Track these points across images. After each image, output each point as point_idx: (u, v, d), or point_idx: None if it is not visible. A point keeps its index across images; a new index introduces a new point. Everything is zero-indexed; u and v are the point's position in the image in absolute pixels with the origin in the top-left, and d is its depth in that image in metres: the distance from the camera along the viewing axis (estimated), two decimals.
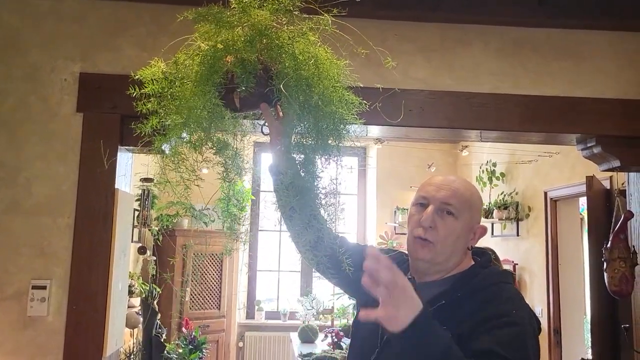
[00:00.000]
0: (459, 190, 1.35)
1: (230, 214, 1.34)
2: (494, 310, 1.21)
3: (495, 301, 1.25)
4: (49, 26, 2.35)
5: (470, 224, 1.35)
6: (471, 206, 1.36)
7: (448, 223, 1.32)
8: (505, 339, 1.15)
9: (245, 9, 1.24)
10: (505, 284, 1.32)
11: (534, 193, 4.99)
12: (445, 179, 1.39)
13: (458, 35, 2.50)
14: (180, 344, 4.68)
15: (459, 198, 1.33)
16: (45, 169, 2.28)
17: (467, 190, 1.36)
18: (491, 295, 1.27)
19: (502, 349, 1.12)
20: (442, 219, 1.32)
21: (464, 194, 1.35)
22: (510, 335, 1.16)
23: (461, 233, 1.33)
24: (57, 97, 2.31)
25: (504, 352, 1.11)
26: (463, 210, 1.33)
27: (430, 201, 1.35)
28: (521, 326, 1.19)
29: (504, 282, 1.33)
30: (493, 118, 2.44)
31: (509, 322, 1.18)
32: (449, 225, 1.32)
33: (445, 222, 1.32)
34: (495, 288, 1.30)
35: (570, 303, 4.60)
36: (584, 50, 2.53)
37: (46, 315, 2.21)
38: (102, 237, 2.24)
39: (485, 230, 1.40)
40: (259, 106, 1.32)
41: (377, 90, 2.10)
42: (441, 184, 1.36)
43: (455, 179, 1.39)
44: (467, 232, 1.35)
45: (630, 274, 2.59)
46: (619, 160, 2.55)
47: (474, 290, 1.29)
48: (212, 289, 5.85)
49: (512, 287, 1.34)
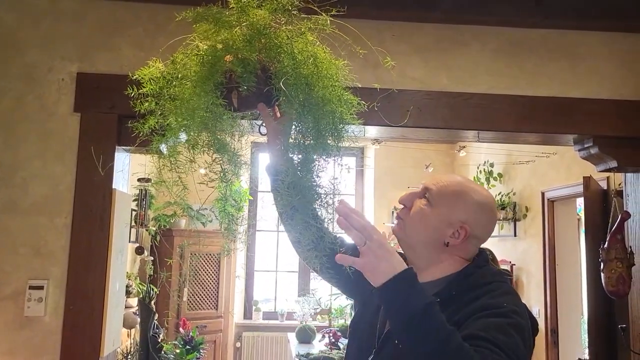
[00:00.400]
0: (445, 182, 1.37)
1: (227, 214, 1.34)
2: (484, 303, 1.21)
3: (488, 295, 1.24)
4: (46, 25, 2.35)
5: (449, 219, 1.32)
6: (456, 200, 1.34)
7: (421, 206, 1.35)
8: (492, 325, 1.13)
9: (244, 9, 1.24)
10: (500, 283, 1.32)
11: (531, 193, 5.00)
12: (447, 174, 1.43)
13: (455, 36, 2.50)
14: (177, 344, 4.67)
15: (440, 188, 1.35)
16: (42, 168, 2.27)
17: (457, 186, 1.36)
18: (484, 291, 1.26)
19: (487, 334, 1.09)
20: (418, 201, 1.36)
21: (449, 186, 1.36)
22: (498, 323, 1.14)
23: (434, 223, 1.33)
24: (54, 97, 2.31)
25: (489, 336, 1.09)
26: (441, 201, 1.34)
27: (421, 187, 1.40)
28: (511, 318, 1.16)
29: (499, 281, 1.32)
30: (490, 118, 2.45)
31: (499, 313, 1.17)
32: (421, 209, 1.35)
33: (419, 205, 1.35)
34: (490, 286, 1.29)
35: (567, 303, 4.61)
36: (580, 51, 2.54)
37: (43, 315, 2.21)
38: (99, 237, 2.24)
39: (468, 232, 1.33)
40: (257, 106, 1.33)
41: (374, 91, 2.11)
42: (438, 176, 1.40)
43: (456, 177, 1.41)
44: (443, 225, 1.32)
45: (627, 275, 2.60)
46: (615, 161, 2.55)
47: (468, 287, 1.28)
48: (209, 289, 5.85)
49: (507, 285, 1.33)
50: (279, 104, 1.30)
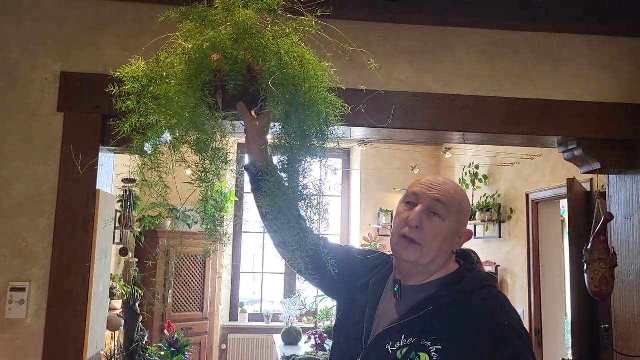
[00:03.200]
0: (450, 192, 1.32)
1: (209, 215, 1.32)
2: (487, 324, 1.22)
3: (485, 311, 1.25)
4: (29, 24, 2.31)
5: (457, 228, 1.33)
6: (460, 210, 1.34)
7: (435, 224, 1.30)
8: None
9: (230, 8, 1.23)
10: (491, 288, 1.32)
11: (516, 195, 5.03)
12: (436, 179, 1.36)
13: (440, 38, 2.51)
14: (162, 346, 4.63)
15: (449, 200, 1.31)
16: (25, 168, 2.24)
17: (457, 194, 1.35)
18: (479, 303, 1.26)
19: None
20: (429, 219, 1.30)
21: (454, 196, 1.33)
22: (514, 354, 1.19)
23: (448, 236, 1.31)
24: (37, 97, 2.28)
25: None
26: (451, 213, 1.31)
27: (419, 199, 1.32)
28: (518, 339, 1.21)
29: (490, 286, 1.32)
30: (475, 120, 2.46)
31: (506, 338, 1.20)
32: (436, 227, 1.29)
33: (433, 223, 1.30)
34: (482, 293, 1.29)
35: (551, 304, 4.64)
36: (564, 54, 2.57)
37: (25, 317, 2.18)
38: (82, 239, 2.21)
39: (471, 234, 1.39)
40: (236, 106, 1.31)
41: (360, 92, 2.10)
42: (432, 183, 1.34)
43: (446, 180, 1.37)
44: (453, 236, 1.33)
45: (610, 275, 2.62)
46: (599, 163, 2.58)
47: (461, 295, 1.28)
48: (194, 291, 5.81)
49: (496, 291, 1.33)
50: (262, 104, 1.29)
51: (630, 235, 2.60)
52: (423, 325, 1.24)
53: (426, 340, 1.22)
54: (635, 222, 2.57)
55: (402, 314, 1.29)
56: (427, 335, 1.22)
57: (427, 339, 1.22)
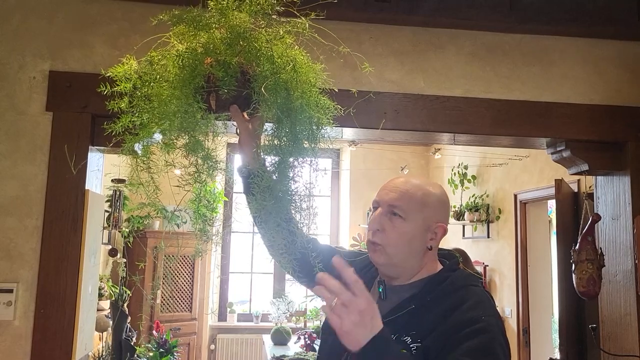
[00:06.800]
0: (408, 191, 1.34)
1: (201, 215, 1.33)
2: (462, 317, 1.23)
3: (463, 306, 1.26)
4: (16, 22, 2.29)
5: (425, 224, 1.35)
6: (424, 206, 1.35)
7: (396, 225, 1.33)
8: (476, 349, 1.17)
9: (223, 11, 1.23)
10: (473, 287, 1.34)
11: (504, 196, 5.07)
12: (398, 180, 1.39)
13: (431, 39, 2.52)
14: (150, 347, 4.60)
15: (406, 199, 1.34)
16: (12, 168, 2.22)
17: (418, 190, 1.36)
18: (459, 300, 1.28)
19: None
20: (390, 221, 1.33)
21: (413, 194, 1.34)
22: (482, 344, 1.18)
23: (414, 234, 1.33)
24: (25, 96, 2.25)
25: None
26: (412, 211, 1.33)
27: (380, 204, 1.37)
28: (491, 333, 1.21)
29: (472, 285, 1.34)
30: (466, 121, 2.47)
31: (479, 330, 1.20)
32: (397, 227, 1.33)
33: (394, 225, 1.33)
34: (463, 292, 1.31)
35: (538, 304, 4.69)
36: (553, 56, 2.59)
37: (12, 319, 2.15)
38: (71, 239, 2.19)
39: (444, 229, 1.38)
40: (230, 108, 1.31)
41: (352, 93, 2.10)
42: (392, 186, 1.37)
43: (408, 180, 1.39)
44: (421, 232, 1.34)
45: (597, 276, 2.65)
46: (587, 164, 2.60)
47: (443, 294, 1.31)
48: (183, 291, 5.78)
49: (480, 289, 1.35)
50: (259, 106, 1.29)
51: (617, 235, 2.63)
52: (405, 323, 1.28)
53: (406, 336, 1.25)
54: (622, 223, 2.60)
55: (386, 313, 1.31)
56: (407, 332, 1.26)
57: (407, 335, 1.25)
